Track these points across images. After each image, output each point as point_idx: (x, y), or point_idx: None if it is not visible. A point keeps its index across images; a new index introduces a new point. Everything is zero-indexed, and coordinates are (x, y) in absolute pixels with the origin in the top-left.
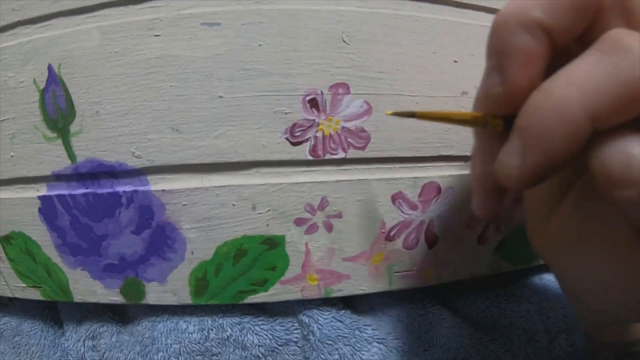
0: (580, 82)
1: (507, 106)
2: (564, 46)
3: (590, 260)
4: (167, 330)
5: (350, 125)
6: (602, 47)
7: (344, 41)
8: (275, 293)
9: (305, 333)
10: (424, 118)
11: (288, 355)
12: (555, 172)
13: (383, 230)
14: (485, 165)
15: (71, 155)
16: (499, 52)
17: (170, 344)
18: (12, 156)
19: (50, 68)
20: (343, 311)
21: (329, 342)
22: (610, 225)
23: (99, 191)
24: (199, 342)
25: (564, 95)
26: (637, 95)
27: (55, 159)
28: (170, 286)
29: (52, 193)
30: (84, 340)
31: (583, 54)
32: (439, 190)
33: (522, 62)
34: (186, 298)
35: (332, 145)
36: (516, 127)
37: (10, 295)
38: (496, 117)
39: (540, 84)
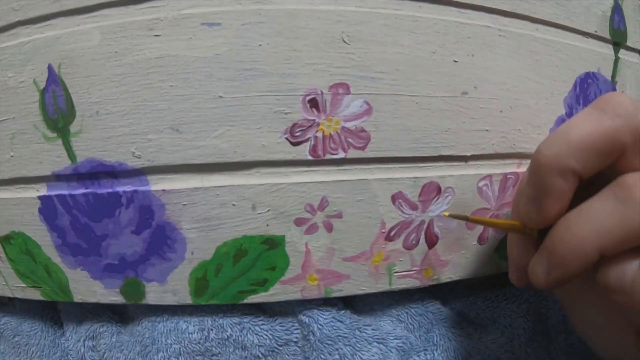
0: (596, 226)
1: (541, 227)
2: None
3: (596, 322)
4: (167, 330)
5: (350, 125)
6: (618, 193)
7: (344, 41)
8: (275, 293)
9: (306, 333)
10: (475, 222)
11: (288, 356)
12: (571, 281)
13: (383, 230)
14: (521, 256)
15: (71, 155)
16: (538, 188)
17: (170, 344)
18: (12, 156)
19: (50, 68)
20: (343, 311)
21: (329, 342)
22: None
23: (99, 191)
24: (199, 342)
25: (582, 235)
26: (635, 241)
27: (55, 159)
28: (170, 286)
29: (52, 193)
30: (84, 341)
31: (602, 195)
32: (439, 190)
33: (555, 200)
34: (186, 298)
35: (332, 145)
36: (545, 248)
37: (10, 295)
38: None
39: (567, 215)
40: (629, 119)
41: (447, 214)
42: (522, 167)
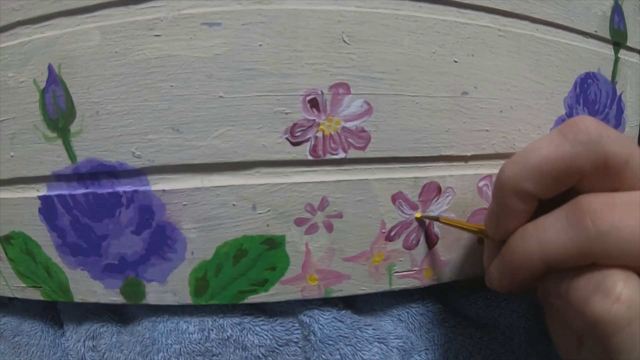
0: (545, 243)
1: (498, 239)
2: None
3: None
4: (167, 330)
5: (350, 125)
6: (570, 216)
7: (344, 41)
8: (275, 293)
9: (306, 333)
10: (446, 224)
11: (289, 356)
12: (524, 287)
13: (383, 230)
14: (487, 259)
15: (71, 155)
16: (499, 205)
17: (171, 345)
18: (12, 156)
19: (50, 68)
20: (344, 311)
21: (330, 342)
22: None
23: (99, 191)
24: (199, 343)
25: (532, 250)
26: (580, 262)
27: (56, 159)
28: (170, 286)
29: (52, 193)
30: (84, 341)
31: (557, 213)
32: (439, 190)
33: (512, 218)
34: (186, 298)
35: (333, 145)
36: (501, 255)
37: (10, 295)
38: None
39: (524, 226)
40: (590, 147)
41: (419, 214)
42: None
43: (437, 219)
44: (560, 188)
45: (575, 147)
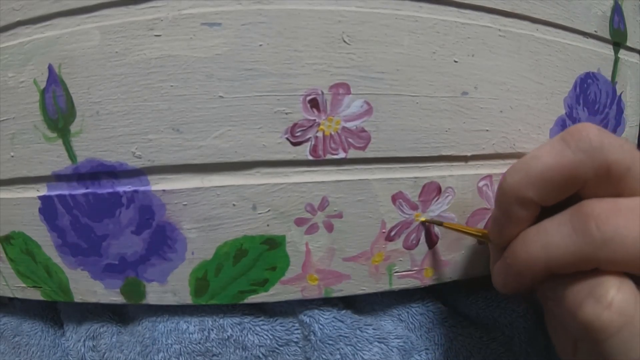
0: (548, 248)
1: (501, 245)
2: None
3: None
4: (167, 330)
5: (350, 125)
6: (574, 221)
7: (344, 41)
8: (275, 293)
9: (307, 333)
10: (449, 228)
11: (289, 356)
12: (527, 288)
13: (383, 230)
14: (495, 259)
15: (71, 156)
16: (501, 212)
17: (171, 344)
18: (12, 156)
19: (50, 68)
20: (344, 311)
21: (330, 342)
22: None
23: (100, 191)
24: (199, 343)
25: (535, 254)
26: (583, 266)
27: (56, 159)
28: (170, 286)
29: (53, 193)
30: (84, 341)
31: (560, 218)
32: (439, 190)
33: (515, 225)
34: (186, 298)
35: (333, 145)
36: (504, 259)
37: (10, 295)
38: None
39: (527, 230)
40: (591, 154)
41: (423, 218)
42: None
43: (440, 223)
44: (562, 195)
45: (577, 155)
